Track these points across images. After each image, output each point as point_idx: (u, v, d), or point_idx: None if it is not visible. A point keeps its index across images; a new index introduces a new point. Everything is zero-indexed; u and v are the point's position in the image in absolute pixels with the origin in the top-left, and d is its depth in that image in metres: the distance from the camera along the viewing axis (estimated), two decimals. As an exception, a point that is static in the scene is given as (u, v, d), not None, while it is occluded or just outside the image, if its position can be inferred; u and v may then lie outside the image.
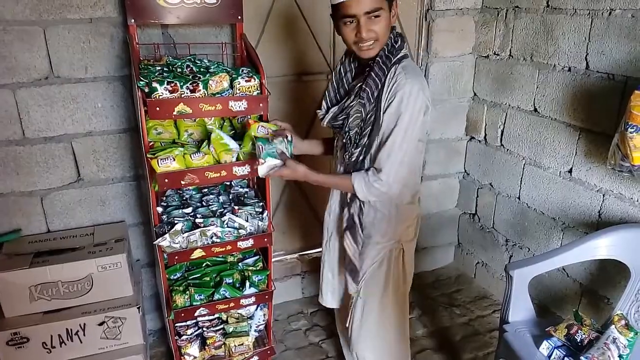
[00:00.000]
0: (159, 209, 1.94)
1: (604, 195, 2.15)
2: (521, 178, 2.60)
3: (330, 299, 1.99)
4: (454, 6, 2.67)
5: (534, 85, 2.42)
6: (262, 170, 1.60)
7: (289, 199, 2.76)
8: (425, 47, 2.75)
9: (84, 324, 1.93)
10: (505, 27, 2.55)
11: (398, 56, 1.52)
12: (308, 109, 2.61)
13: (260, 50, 2.11)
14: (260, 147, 1.59)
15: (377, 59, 1.51)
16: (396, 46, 1.53)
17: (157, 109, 1.66)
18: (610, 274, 2.16)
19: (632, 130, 1.68)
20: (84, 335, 1.94)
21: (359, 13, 1.42)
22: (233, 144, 1.80)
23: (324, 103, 1.71)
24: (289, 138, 1.67)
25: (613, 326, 1.68)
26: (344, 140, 1.64)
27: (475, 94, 2.87)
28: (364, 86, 1.52)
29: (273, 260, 2.16)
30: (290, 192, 2.74)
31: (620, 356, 1.61)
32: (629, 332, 1.65)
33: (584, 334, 1.71)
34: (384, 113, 1.50)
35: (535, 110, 2.44)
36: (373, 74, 1.50)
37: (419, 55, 2.77)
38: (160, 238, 1.82)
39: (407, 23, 2.68)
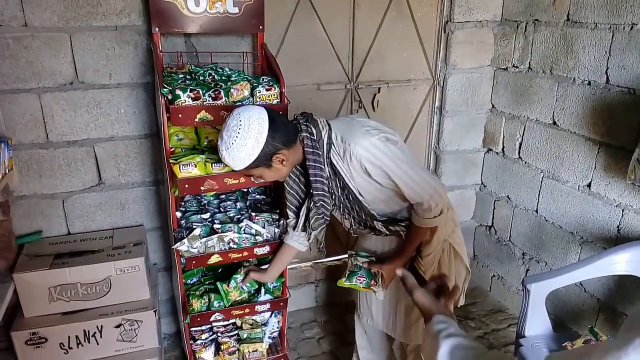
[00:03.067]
0: (178, 214, 1.96)
1: (623, 210, 2.13)
2: (539, 191, 2.58)
3: (381, 322, 1.97)
4: (473, 18, 2.67)
5: (553, 98, 2.41)
6: (382, 293, 1.75)
7: (304, 207, 2.77)
8: (444, 59, 2.76)
9: (101, 326, 1.95)
10: (525, 39, 2.55)
11: (324, 143, 1.57)
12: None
13: (281, 60, 2.13)
14: (362, 279, 1.74)
15: (307, 162, 1.57)
16: (315, 137, 1.56)
17: (180, 115, 1.69)
18: (629, 290, 2.13)
19: (654, 145, 1.67)
20: (101, 337, 1.97)
21: None
22: None
23: (290, 213, 1.80)
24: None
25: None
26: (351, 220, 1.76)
27: (493, 106, 2.86)
28: (313, 191, 1.61)
29: (288, 267, 2.17)
30: (306, 200, 2.76)
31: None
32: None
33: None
34: (369, 177, 1.57)
35: (554, 123, 2.43)
36: (314, 177, 1.59)
37: (437, 67, 2.78)
38: (179, 242, 1.84)
39: (425, 35, 2.70)
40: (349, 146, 1.52)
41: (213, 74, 1.90)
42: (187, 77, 1.89)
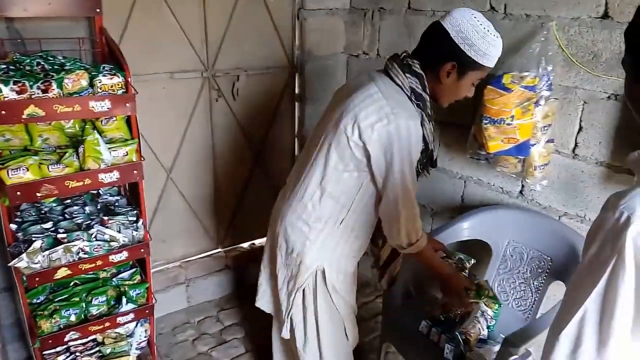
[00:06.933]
0: (13, 226, 1.72)
1: (465, 181, 2.36)
2: (395, 170, 2.75)
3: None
4: (324, 6, 2.73)
5: (402, 83, 2.57)
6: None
7: (167, 204, 2.61)
8: (300, 46, 2.78)
9: None
10: (372, 27, 2.68)
11: None
12: (182, 109, 2.50)
13: (125, 47, 1.96)
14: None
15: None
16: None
17: (3, 112, 1.46)
18: (474, 252, 2.37)
19: (487, 122, 1.87)
20: None
21: None
22: (107, 156, 1.65)
23: (431, 146, 1.75)
24: None
25: (481, 301, 1.85)
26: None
27: (349, 92, 2.96)
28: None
29: (153, 271, 2.04)
30: (168, 197, 2.60)
31: (488, 327, 1.78)
32: (494, 305, 1.82)
33: (457, 310, 1.86)
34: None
35: (404, 105, 2.59)
36: None
37: (294, 54, 2.79)
38: (17, 259, 1.61)
39: (281, 22, 2.68)
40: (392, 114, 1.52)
41: (42, 63, 1.67)
42: (11, 67, 1.63)
